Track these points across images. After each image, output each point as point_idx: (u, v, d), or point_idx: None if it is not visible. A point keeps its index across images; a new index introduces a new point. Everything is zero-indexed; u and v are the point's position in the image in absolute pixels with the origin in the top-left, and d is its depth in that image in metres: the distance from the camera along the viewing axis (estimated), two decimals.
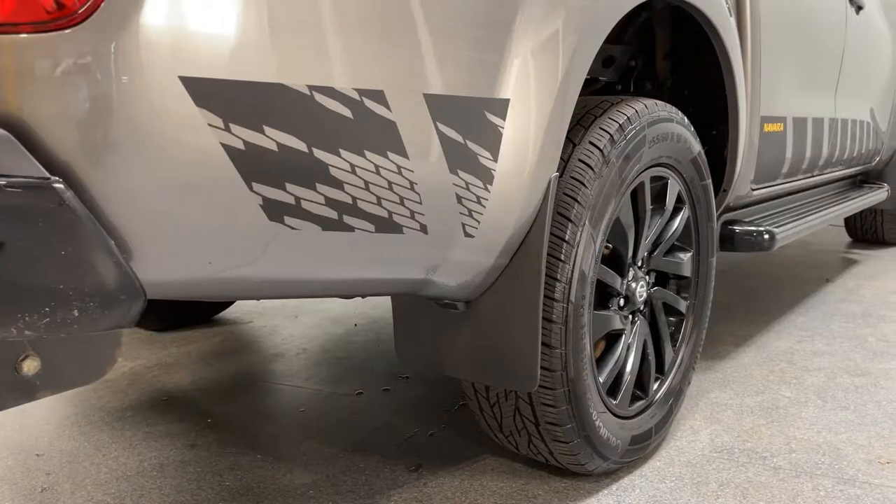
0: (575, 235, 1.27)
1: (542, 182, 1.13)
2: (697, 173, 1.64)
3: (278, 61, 0.79)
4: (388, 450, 1.64)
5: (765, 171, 2.15)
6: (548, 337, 1.27)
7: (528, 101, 1.07)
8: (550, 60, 1.09)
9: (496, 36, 1.02)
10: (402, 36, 0.91)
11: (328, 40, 0.83)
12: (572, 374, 1.31)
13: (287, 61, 0.80)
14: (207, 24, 0.75)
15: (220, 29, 0.76)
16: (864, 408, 1.86)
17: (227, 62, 0.76)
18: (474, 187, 1.03)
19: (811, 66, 2.35)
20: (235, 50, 0.77)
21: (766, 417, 1.81)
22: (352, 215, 0.90)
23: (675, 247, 1.68)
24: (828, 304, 2.87)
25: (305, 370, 2.17)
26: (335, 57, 0.84)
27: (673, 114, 1.53)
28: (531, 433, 1.39)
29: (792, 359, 2.23)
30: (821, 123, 2.50)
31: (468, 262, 1.10)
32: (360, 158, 0.88)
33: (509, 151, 1.06)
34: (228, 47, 0.76)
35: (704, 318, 1.78)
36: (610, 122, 1.37)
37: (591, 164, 1.31)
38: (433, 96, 0.95)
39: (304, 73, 0.81)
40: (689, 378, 1.73)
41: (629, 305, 1.53)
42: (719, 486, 1.48)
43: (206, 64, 0.74)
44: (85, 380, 0.89)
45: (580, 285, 1.29)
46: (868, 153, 3.30)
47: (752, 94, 1.93)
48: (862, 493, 1.45)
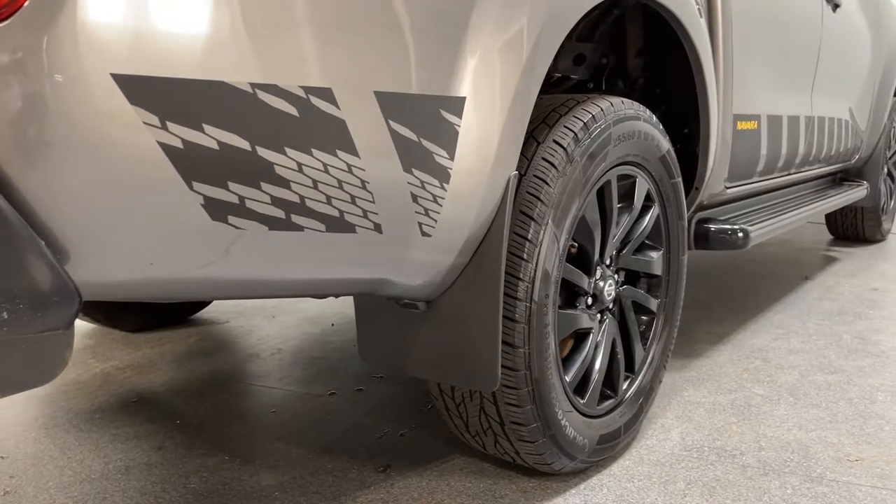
0: (538, 234, 1.27)
1: (502, 181, 1.12)
2: (667, 171, 1.64)
3: (218, 59, 0.78)
4: (358, 450, 1.63)
5: (739, 168, 2.15)
6: (510, 336, 1.26)
7: (486, 100, 1.06)
8: (508, 58, 1.08)
9: (451, 33, 1.01)
10: (351, 33, 0.90)
11: (272, 38, 0.82)
12: (536, 374, 1.31)
13: (228, 59, 0.78)
14: (142, 20, 0.74)
15: (156, 25, 0.75)
16: (835, 405, 1.87)
17: (162, 59, 0.74)
18: (430, 186, 1.03)
19: (786, 64, 2.36)
20: (172, 47, 0.75)
21: (738, 415, 1.81)
22: (300, 214, 0.89)
23: (644, 245, 1.67)
24: (805, 301, 2.88)
25: (279, 370, 2.15)
26: (280, 54, 0.82)
27: (640, 112, 1.52)
28: (497, 433, 1.38)
29: (767, 357, 2.23)
30: (796, 121, 2.51)
31: (426, 262, 1.09)
32: (308, 157, 0.87)
33: (466, 150, 1.05)
34: (164, 44, 0.75)
35: (676, 316, 1.78)
36: (575, 120, 1.36)
37: (554, 163, 1.30)
38: (385, 94, 0.94)
39: (246, 71, 0.80)
40: (660, 377, 1.73)
41: (597, 304, 1.53)
42: (687, 484, 1.48)
43: (140, 61, 0.73)
44: (33, 383, 0.88)
45: (543, 284, 1.29)
46: (847, 151, 3.31)
47: (725, 92, 1.93)
48: (829, 491, 1.45)
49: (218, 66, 0.78)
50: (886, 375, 2.07)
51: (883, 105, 3.68)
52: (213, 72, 0.77)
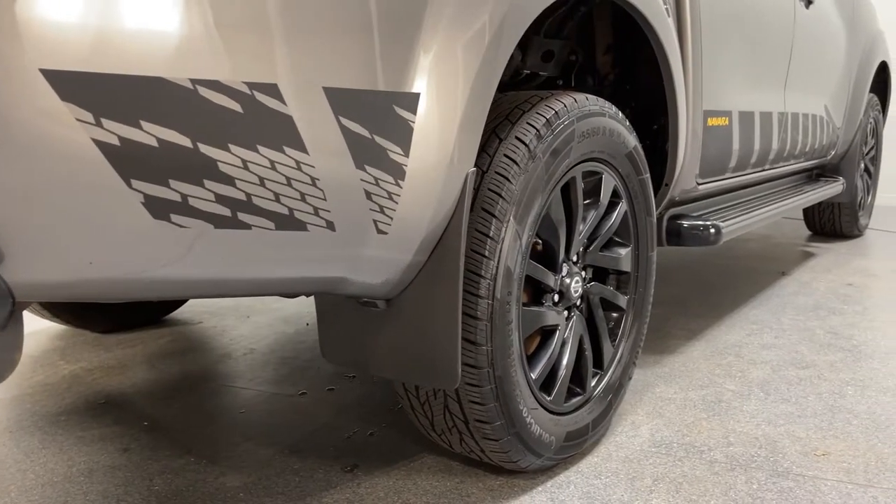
0: (499, 231, 1.26)
1: (459, 177, 1.11)
2: (634, 168, 1.64)
3: (156, 54, 0.76)
4: (326, 450, 1.62)
5: (711, 165, 2.16)
6: (472, 334, 1.25)
7: (441, 96, 1.05)
8: (464, 55, 1.07)
9: (404, 29, 1.00)
10: (298, 28, 0.89)
11: (213, 33, 0.81)
12: (500, 371, 1.30)
13: (166, 54, 0.77)
14: (74, 14, 0.72)
15: (89, 20, 0.73)
16: (805, 400, 1.87)
17: (95, 54, 0.73)
18: (385, 183, 1.02)
19: (757, 60, 2.36)
20: (106, 42, 0.74)
21: (708, 411, 1.81)
22: (247, 212, 0.88)
23: (612, 242, 1.67)
24: (781, 297, 2.90)
25: (251, 371, 2.14)
26: (221, 50, 0.81)
27: (605, 108, 1.52)
28: (461, 431, 1.38)
29: (740, 352, 2.24)
30: (769, 117, 2.52)
31: (383, 260, 1.08)
32: (253, 154, 0.86)
33: (422, 146, 1.04)
34: (98, 39, 0.74)
35: (646, 313, 1.78)
36: (537, 116, 1.36)
37: (516, 160, 1.29)
38: (334, 90, 0.92)
39: (185, 67, 0.78)
40: (630, 373, 1.73)
41: (564, 301, 1.52)
42: (654, 480, 1.48)
43: (70, 56, 0.72)
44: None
45: (506, 281, 1.28)
46: (823, 147, 3.33)
47: (694, 89, 1.93)
48: (794, 486, 1.45)
49: (155, 61, 0.76)
50: (857, 370, 2.08)
51: (858, 101, 3.70)
52: (150, 67, 0.76)
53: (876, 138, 4.26)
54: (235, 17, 0.83)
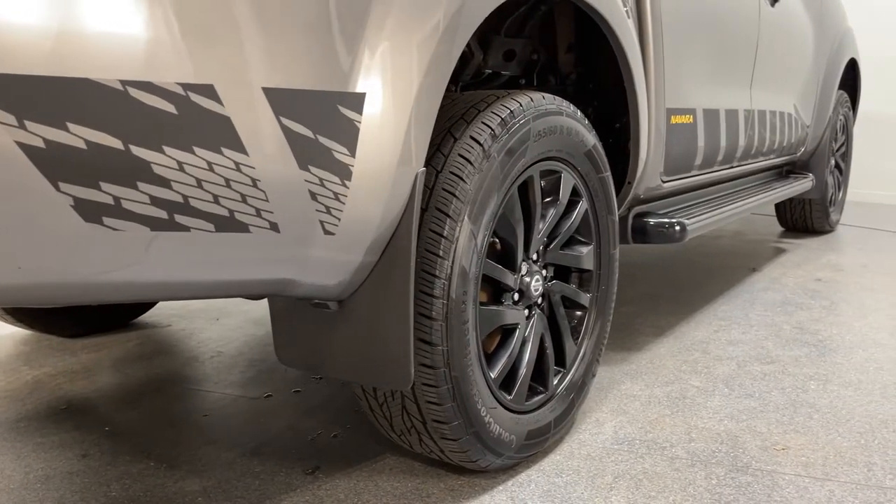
0: (454, 231, 1.26)
1: (409, 177, 1.11)
2: (594, 166, 1.64)
3: (83, 55, 0.75)
4: (288, 453, 1.61)
5: (676, 162, 2.17)
6: (427, 334, 1.25)
7: (388, 96, 1.05)
8: (410, 55, 1.07)
9: (347, 29, 1.00)
10: (235, 28, 0.88)
11: (144, 32, 0.80)
12: (456, 371, 1.30)
13: (94, 55, 0.76)
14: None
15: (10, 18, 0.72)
16: (768, 395, 1.89)
17: (17, 55, 0.72)
18: (330, 183, 1.01)
19: (721, 59, 2.38)
20: (28, 42, 0.73)
21: (672, 407, 1.82)
22: (185, 214, 0.87)
23: (574, 240, 1.67)
24: (750, 293, 2.92)
25: (217, 374, 2.12)
26: (153, 50, 0.80)
27: (563, 107, 1.52)
28: (420, 432, 1.37)
29: (707, 348, 2.25)
30: (735, 115, 2.53)
31: (332, 261, 1.08)
32: (189, 155, 0.85)
33: (368, 146, 1.04)
34: (19, 39, 0.72)
35: (609, 310, 1.78)
36: (492, 116, 1.36)
37: (470, 159, 1.29)
38: (274, 90, 0.92)
39: (115, 68, 0.77)
40: (593, 371, 1.73)
41: (524, 300, 1.52)
42: (614, 478, 1.48)
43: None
44: None
45: (461, 281, 1.28)
46: (792, 144, 3.36)
47: (657, 87, 1.94)
48: (753, 480, 1.47)
49: (82, 62, 0.75)
50: (821, 364, 2.10)
51: (827, 98, 3.74)
52: (77, 69, 0.75)
53: (846, 135, 4.31)
54: (168, 17, 0.82)
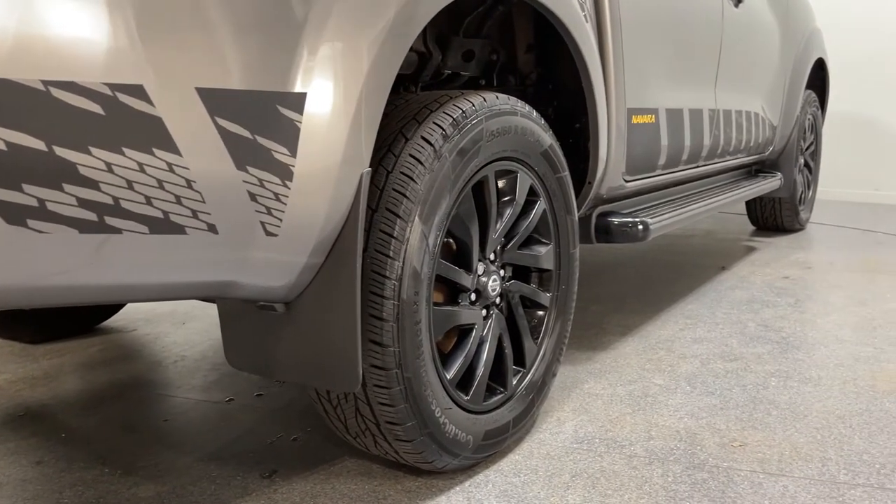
0: (404, 232, 1.26)
1: (353, 178, 1.10)
2: (551, 166, 1.64)
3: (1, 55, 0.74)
4: (246, 457, 1.60)
5: (639, 162, 2.18)
6: (378, 335, 1.24)
7: (329, 96, 1.04)
8: (353, 56, 1.06)
9: (286, 28, 0.99)
10: (166, 28, 0.87)
11: (68, 32, 0.79)
12: (409, 372, 1.29)
13: (13, 55, 0.75)
14: None
15: None
16: (729, 392, 1.90)
17: None
18: (270, 184, 1.00)
19: (684, 59, 2.39)
20: None
21: (634, 406, 1.83)
22: (115, 216, 0.86)
23: (532, 240, 1.68)
24: (718, 291, 2.94)
25: (180, 378, 2.10)
26: (78, 50, 0.79)
27: (518, 107, 1.52)
28: (374, 434, 1.37)
29: (671, 346, 2.27)
30: (699, 114, 2.55)
31: (275, 262, 1.07)
32: (118, 156, 0.84)
33: (310, 147, 1.03)
34: None
35: (569, 310, 1.79)
36: (444, 116, 1.36)
37: (421, 160, 1.29)
38: (209, 90, 0.91)
39: (36, 68, 0.76)
40: (553, 370, 1.74)
41: (482, 300, 1.52)
42: (572, 477, 1.48)
43: None
44: None
45: (412, 282, 1.27)
46: (759, 144, 3.39)
47: (617, 88, 1.95)
48: (708, 477, 1.47)
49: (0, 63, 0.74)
50: (782, 361, 2.12)
51: (795, 98, 3.77)
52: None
53: (815, 134, 4.35)
54: (95, 16, 0.81)
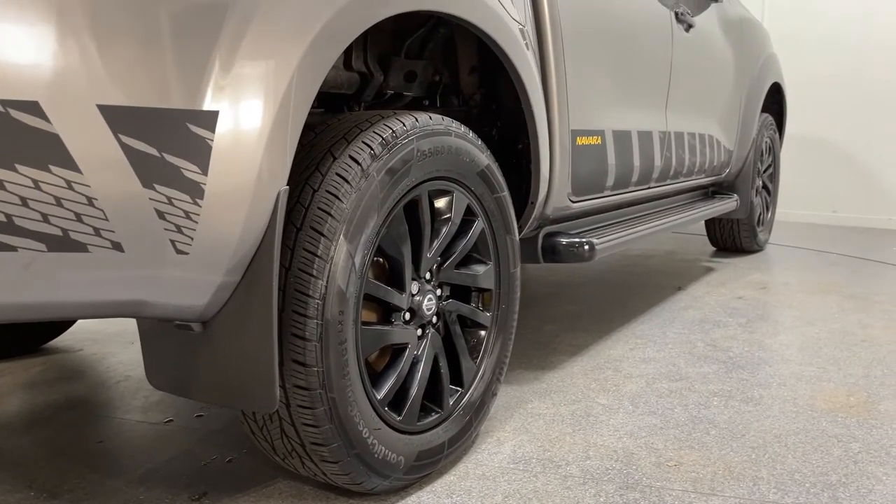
0: (328, 250, 1.25)
1: (269, 196, 1.10)
2: (488, 186, 1.65)
3: None
4: (178, 479, 1.57)
5: (585, 183, 2.20)
6: (301, 355, 1.24)
7: (243, 115, 1.04)
8: (268, 75, 1.06)
9: (196, 47, 0.99)
10: (65, 44, 0.86)
11: None
12: (334, 392, 1.28)
13: None
14: None
15: None
16: (671, 412, 1.91)
17: None
18: (180, 202, 1.00)
19: (631, 83, 2.43)
20: None
21: (575, 426, 1.83)
22: (9, 233, 0.85)
23: (472, 259, 1.68)
24: (672, 311, 2.96)
25: (121, 399, 2.07)
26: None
27: (452, 128, 1.53)
28: (300, 455, 1.35)
29: (619, 366, 2.28)
30: (649, 136, 2.59)
31: (188, 281, 1.06)
32: (11, 173, 0.83)
33: (222, 165, 1.03)
34: None
35: (510, 329, 1.79)
36: (374, 135, 1.36)
37: (347, 178, 1.29)
38: (111, 108, 0.90)
39: None
40: (493, 390, 1.73)
41: (417, 319, 1.52)
42: (504, 497, 1.48)
43: None
44: None
45: (337, 301, 1.27)
46: (714, 166, 3.44)
47: (560, 110, 1.97)
48: (640, 497, 1.47)
49: None
50: (727, 381, 2.14)
51: (750, 121, 3.85)
52: None
53: (773, 157, 4.43)
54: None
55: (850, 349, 2.44)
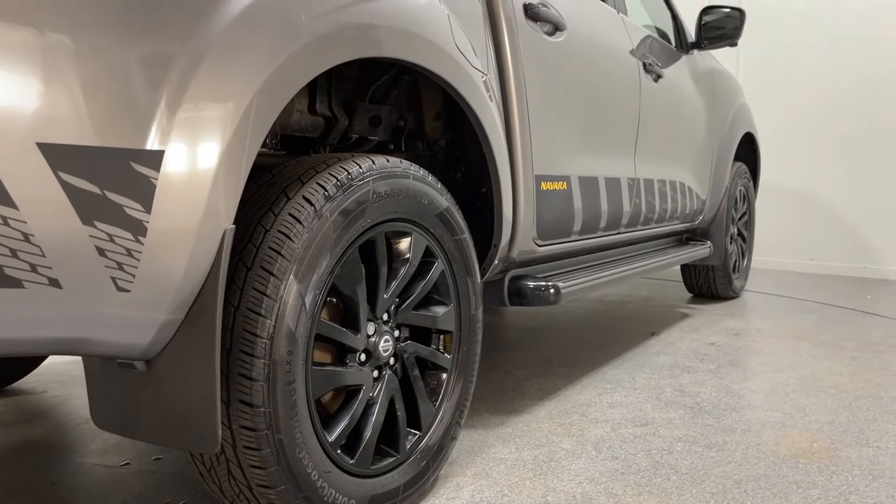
0: (277, 290, 1.26)
1: (215, 235, 1.11)
2: (448, 228, 1.67)
3: None
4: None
5: (551, 227, 2.22)
6: (248, 395, 1.23)
7: (189, 155, 1.06)
8: (216, 117, 1.08)
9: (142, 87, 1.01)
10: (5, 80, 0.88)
11: None
12: (281, 434, 1.27)
13: None
14: None
15: None
16: (633, 457, 1.90)
17: None
18: (121, 240, 1.00)
19: (597, 130, 2.47)
20: None
21: (537, 471, 1.81)
22: None
23: (431, 300, 1.69)
24: (643, 356, 2.97)
25: (79, 441, 2.04)
26: None
27: (410, 171, 1.56)
28: (248, 497, 1.33)
29: (586, 411, 2.27)
30: (617, 183, 2.63)
31: (130, 319, 1.06)
32: None
33: (168, 204, 1.04)
34: None
35: (471, 372, 1.79)
36: (329, 177, 1.38)
37: (300, 219, 1.30)
38: (52, 146, 0.92)
39: None
40: (453, 434, 1.72)
41: (372, 360, 1.52)
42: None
43: None
44: None
45: (286, 341, 1.27)
46: (687, 213, 3.48)
47: (524, 157, 2.00)
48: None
49: None
50: (692, 426, 2.13)
51: (723, 169, 3.91)
52: None
53: (748, 204, 4.49)
54: None
55: (818, 395, 2.45)
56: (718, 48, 3.64)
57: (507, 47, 1.96)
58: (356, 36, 1.36)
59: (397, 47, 1.49)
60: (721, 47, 3.63)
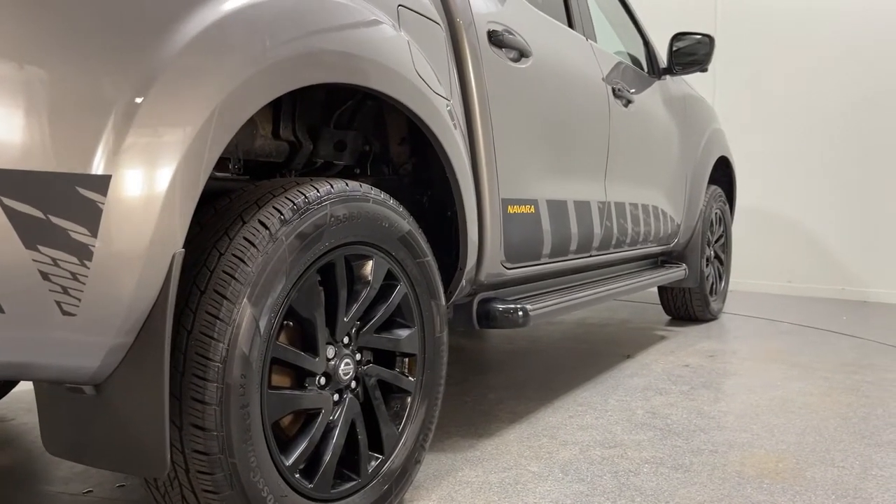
0: (230, 313, 1.26)
1: (164, 259, 1.11)
2: (410, 252, 1.68)
3: None
4: None
5: (518, 250, 2.24)
6: (200, 419, 1.23)
7: (138, 179, 1.07)
8: (165, 143, 1.09)
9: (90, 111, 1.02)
10: None
11: None
12: (235, 458, 1.27)
13: None
14: None
15: None
16: (599, 479, 1.90)
17: None
18: (66, 263, 1.01)
19: (564, 153, 2.50)
20: None
21: (502, 494, 1.81)
22: None
23: (394, 323, 1.69)
24: (616, 378, 2.97)
25: (43, 469, 2.01)
26: None
27: (370, 194, 1.57)
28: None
29: (556, 434, 2.27)
30: (587, 206, 2.65)
31: (75, 343, 1.06)
32: None
33: (114, 228, 1.05)
34: None
35: (435, 395, 1.79)
36: (285, 201, 1.39)
37: (254, 242, 1.31)
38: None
39: None
40: (417, 458, 1.72)
41: (332, 384, 1.52)
42: None
43: None
44: None
45: (240, 365, 1.27)
46: (661, 236, 3.51)
47: (489, 178, 2.02)
48: None
49: None
50: (660, 448, 2.14)
51: (697, 193, 3.96)
52: None
53: (724, 227, 4.54)
54: None
55: (787, 416, 2.46)
56: (690, 73, 3.70)
57: (471, 74, 1.99)
58: (309, 62, 1.38)
59: (354, 73, 1.51)
60: (692, 73, 3.69)
